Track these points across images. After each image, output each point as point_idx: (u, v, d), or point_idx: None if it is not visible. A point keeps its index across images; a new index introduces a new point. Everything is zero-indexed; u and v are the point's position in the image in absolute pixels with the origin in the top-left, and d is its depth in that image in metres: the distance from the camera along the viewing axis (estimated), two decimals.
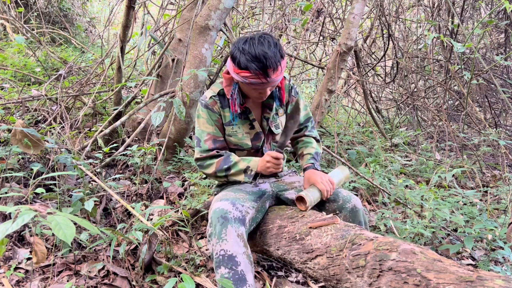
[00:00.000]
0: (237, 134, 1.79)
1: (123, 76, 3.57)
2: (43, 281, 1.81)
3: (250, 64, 1.48)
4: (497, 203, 2.99)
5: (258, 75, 1.50)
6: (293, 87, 1.86)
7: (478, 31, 4.48)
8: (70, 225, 1.12)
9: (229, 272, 1.44)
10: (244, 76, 1.52)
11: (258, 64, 1.47)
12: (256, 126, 1.80)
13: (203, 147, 1.76)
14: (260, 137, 1.83)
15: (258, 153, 1.87)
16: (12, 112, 3.22)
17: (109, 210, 2.44)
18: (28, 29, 4.70)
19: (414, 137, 4.73)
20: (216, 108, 1.75)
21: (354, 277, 1.23)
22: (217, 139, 1.77)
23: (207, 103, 1.74)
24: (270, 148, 1.90)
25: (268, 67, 1.47)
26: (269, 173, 1.74)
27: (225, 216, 1.53)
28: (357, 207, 1.70)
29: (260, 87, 1.55)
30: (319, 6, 4.40)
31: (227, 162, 1.74)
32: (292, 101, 1.86)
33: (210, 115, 1.75)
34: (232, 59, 1.55)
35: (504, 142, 2.96)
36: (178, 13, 3.85)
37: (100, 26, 7.70)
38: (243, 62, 1.49)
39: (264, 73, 1.49)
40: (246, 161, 1.74)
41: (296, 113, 1.69)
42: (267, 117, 1.80)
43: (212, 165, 1.76)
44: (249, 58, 1.47)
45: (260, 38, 1.51)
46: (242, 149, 1.84)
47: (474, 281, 0.97)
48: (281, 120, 1.86)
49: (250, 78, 1.51)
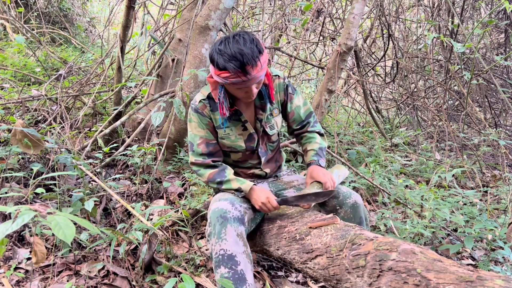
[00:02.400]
0: (230, 136, 1.76)
1: (123, 76, 3.57)
2: (43, 281, 1.81)
3: (228, 64, 1.46)
4: (497, 203, 2.99)
5: (238, 74, 1.47)
6: (289, 84, 1.83)
7: (478, 31, 4.48)
8: (70, 225, 1.12)
9: (229, 272, 1.44)
10: (225, 77, 1.50)
11: (235, 62, 1.45)
12: (249, 127, 1.77)
13: (197, 151, 1.75)
14: (254, 138, 1.80)
15: (254, 154, 1.84)
16: (12, 112, 3.22)
17: (109, 210, 2.44)
18: (28, 29, 4.70)
19: (414, 137, 4.73)
20: (206, 112, 1.73)
21: (354, 277, 1.23)
22: (210, 142, 1.75)
23: (197, 107, 1.72)
24: (265, 149, 1.87)
25: (246, 64, 1.45)
26: (255, 207, 1.68)
27: (224, 215, 1.53)
28: (358, 203, 1.70)
29: (243, 85, 1.52)
30: (319, 6, 4.40)
31: (221, 176, 1.72)
32: (289, 99, 1.83)
33: (200, 119, 1.73)
34: (211, 62, 1.54)
35: (504, 142, 2.96)
36: (178, 13, 3.85)
37: (100, 26, 7.70)
38: (221, 63, 1.48)
39: (243, 70, 1.46)
40: (239, 182, 1.70)
41: (321, 196, 1.63)
42: (260, 118, 1.78)
43: (205, 175, 1.75)
44: (226, 58, 1.46)
45: (235, 36, 1.49)
46: (236, 151, 1.81)
47: (474, 281, 0.97)
48: (276, 120, 1.83)
49: (231, 78, 1.49)
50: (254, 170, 1.89)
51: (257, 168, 1.88)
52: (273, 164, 1.95)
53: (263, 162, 1.87)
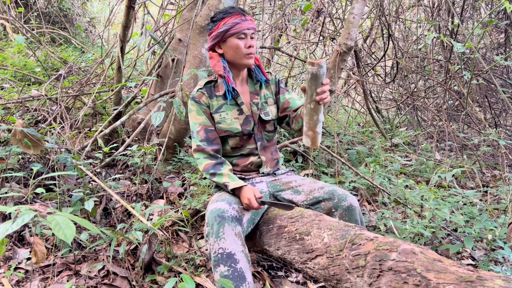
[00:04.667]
0: (226, 120, 1.83)
1: (123, 76, 3.57)
2: (43, 281, 1.81)
3: (228, 12, 1.72)
4: (497, 203, 2.99)
5: (237, 15, 1.71)
6: (281, 80, 1.97)
7: (478, 31, 4.48)
8: (70, 225, 1.12)
9: (229, 270, 1.44)
10: (226, 23, 1.71)
11: (233, 9, 1.72)
12: (245, 109, 1.85)
13: (197, 138, 1.83)
14: (250, 121, 1.86)
15: (251, 139, 1.88)
16: (12, 112, 3.22)
17: (109, 210, 2.44)
18: (28, 29, 4.70)
19: (414, 137, 4.73)
20: (204, 100, 1.84)
21: (354, 277, 1.23)
22: (208, 128, 1.83)
23: (194, 96, 1.85)
24: (261, 136, 1.91)
25: (242, 10, 1.72)
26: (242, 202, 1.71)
27: (222, 215, 1.53)
28: (353, 206, 1.68)
29: (244, 27, 1.70)
30: (319, 6, 4.40)
31: (216, 168, 1.76)
32: (282, 92, 1.94)
33: (199, 107, 1.84)
34: (213, 24, 1.76)
35: (504, 142, 2.96)
36: (178, 13, 3.85)
37: (100, 26, 7.71)
38: (220, 16, 1.73)
39: (240, 12, 1.71)
40: (230, 178, 1.73)
41: (283, 208, 1.67)
42: (256, 102, 1.87)
43: (203, 164, 1.80)
44: (224, 11, 1.73)
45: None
46: (233, 135, 1.85)
47: (474, 281, 0.97)
48: (271, 109, 1.91)
49: (233, 18, 1.70)
50: (252, 158, 1.89)
51: (255, 156, 1.89)
52: (269, 154, 1.95)
53: (259, 147, 1.89)
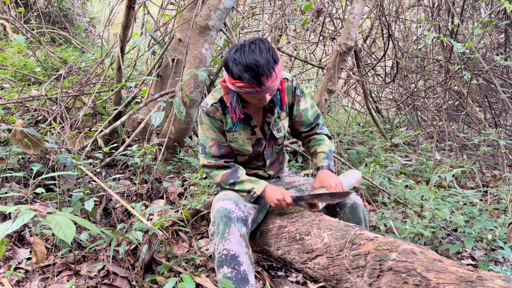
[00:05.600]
0: (238, 140, 1.76)
1: (123, 76, 3.57)
2: (43, 281, 1.81)
3: (243, 75, 1.44)
4: (497, 203, 2.99)
5: (252, 85, 1.46)
6: (297, 87, 1.80)
7: (478, 31, 4.48)
8: (70, 225, 1.12)
9: (232, 272, 1.44)
10: (239, 86, 1.49)
11: (250, 73, 1.43)
12: (258, 132, 1.77)
13: (209, 153, 1.74)
14: (261, 143, 1.80)
15: (260, 157, 1.85)
16: (12, 112, 3.22)
17: (109, 210, 2.44)
18: (28, 29, 4.70)
19: (414, 137, 4.72)
20: (218, 115, 1.72)
21: (354, 277, 1.23)
22: (221, 144, 1.75)
23: (208, 110, 1.71)
24: (271, 152, 1.87)
25: (261, 75, 1.43)
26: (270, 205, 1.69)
27: (229, 215, 1.53)
28: (357, 203, 1.70)
29: (257, 95, 1.52)
30: (319, 6, 4.40)
31: (234, 177, 1.72)
32: (297, 101, 1.81)
33: (212, 122, 1.72)
34: (226, 69, 1.52)
35: (504, 142, 2.96)
36: (178, 13, 3.85)
37: (100, 26, 7.70)
38: (236, 73, 1.46)
39: (257, 82, 1.45)
40: (252, 183, 1.69)
41: (336, 197, 1.63)
42: (268, 121, 1.77)
43: (218, 176, 1.74)
44: (241, 68, 1.44)
45: (251, 45, 1.45)
46: (243, 154, 1.82)
47: (474, 281, 0.97)
48: (283, 123, 1.82)
49: (245, 88, 1.48)
50: (258, 171, 1.89)
51: (260, 170, 1.89)
52: (277, 166, 1.96)
53: (268, 164, 1.88)
